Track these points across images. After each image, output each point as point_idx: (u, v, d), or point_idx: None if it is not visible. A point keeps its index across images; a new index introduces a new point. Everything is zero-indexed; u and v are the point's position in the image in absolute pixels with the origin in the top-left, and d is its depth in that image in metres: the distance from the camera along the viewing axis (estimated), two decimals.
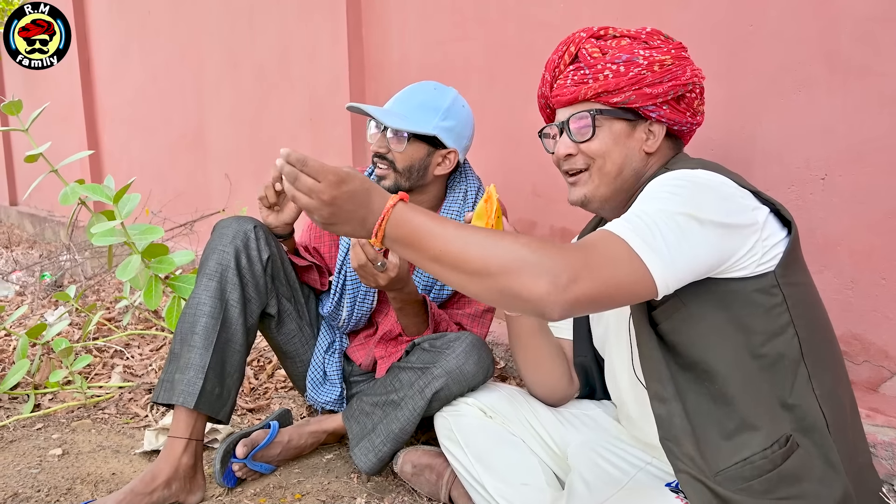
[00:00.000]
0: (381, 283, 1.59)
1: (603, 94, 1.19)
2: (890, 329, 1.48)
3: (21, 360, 2.19)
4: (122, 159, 4.93)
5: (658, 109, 1.19)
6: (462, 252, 0.95)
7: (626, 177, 1.23)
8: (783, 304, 1.07)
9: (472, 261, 0.95)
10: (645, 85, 1.18)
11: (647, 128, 1.22)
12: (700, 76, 1.23)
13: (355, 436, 1.68)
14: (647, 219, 0.99)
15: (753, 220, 1.05)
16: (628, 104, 1.19)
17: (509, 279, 0.92)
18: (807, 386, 1.07)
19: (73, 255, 3.93)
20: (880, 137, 1.44)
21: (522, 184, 2.27)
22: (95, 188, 1.99)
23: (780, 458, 1.04)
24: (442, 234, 0.97)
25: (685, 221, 0.99)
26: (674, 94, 1.19)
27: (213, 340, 1.61)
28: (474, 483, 1.43)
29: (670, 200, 1.01)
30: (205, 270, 1.66)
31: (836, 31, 1.47)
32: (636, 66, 1.18)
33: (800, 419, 1.06)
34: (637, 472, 1.26)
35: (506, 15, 2.22)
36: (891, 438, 1.44)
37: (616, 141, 1.21)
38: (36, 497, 1.63)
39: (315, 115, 3.07)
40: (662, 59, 1.18)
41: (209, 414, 1.61)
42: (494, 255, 0.94)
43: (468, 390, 1.59)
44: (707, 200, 1.02)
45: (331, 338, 1.91)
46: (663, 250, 0.97)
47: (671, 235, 0.98)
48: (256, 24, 3.39)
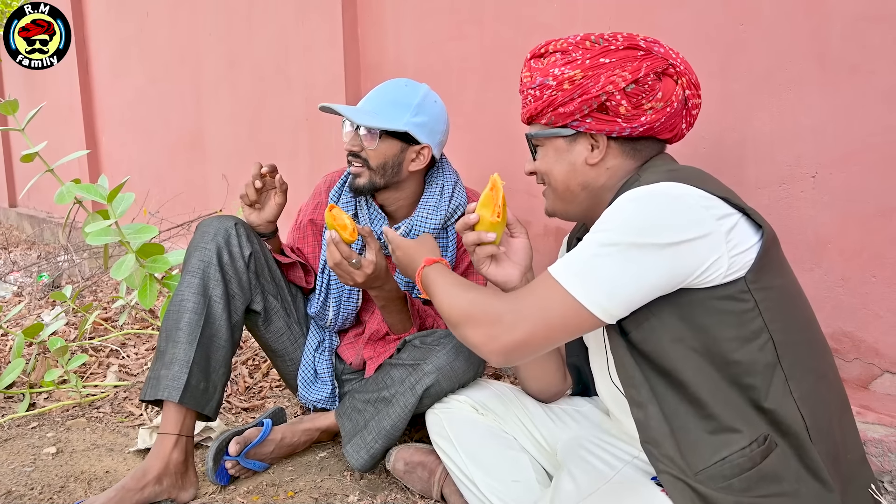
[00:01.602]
0: (358, 281, 1.60)
1: (534, 116, 1.25)
2: (880, 327, 1.48)
3: (17, 359, 2.19)
4: (121, 160, 4.94)
5: (582, 123, 1.20)
6: (442, 305, 1.23)
7: (574, 191, 1.25)
8: (755, 308, 1.06)
9: (445, 313, 1.21)
10: (557, 105, 1.19)
11: (589, 140, 1.22)
12: (617, 83, 1.15)
13: (347, 433, 1.69)
14: (587, 254, 1.05)
15: (712, 230, 1.03)
16: (552, 125, 1.23)
17: (460, 330, 1.16)
18: (783, 389, 1.06)
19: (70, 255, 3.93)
20: (871, 136, 1.44)
21: (517, 184, 2.27)
22: (90, 188, 1.99)
23: (760, 457, 1.04)
24: (436, 290, 1.26)
25: (625, 251, 1.02)
26: (588, 108, 1.17)
27: (197, 335, 1.62)
28: (465, 480, 1.43)
29: (615, 230, 1.05)
30: (187, 268, 1.68)
31: (827, 30, 1.48)
32: (548, 88, 1.20)
33: (776, 422, 1.06)
34: (624, 467, 1.26)
35: (502, 15, 2.23)
36: (881, 435, 1.44)
37: (557, 157, 1.25)
38: (29, 495, 1.64)
39: (312, 115, 3.07)
40: (572, 74, 1.17)
41: (195, 408, 1.62)
42: (454, 309, 1.18)
43: (459, 387, 1.60)
44: (654, 223, 1.03)
45: (320, 336, 1.92)
46: (599, 285, 1.03)
47: (609, 268, 1.03)
48: (254, 25, 3.39)
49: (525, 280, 1.37)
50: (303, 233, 1.92)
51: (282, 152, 3.34)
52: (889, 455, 1.43)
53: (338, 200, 1.84)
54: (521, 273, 1.36)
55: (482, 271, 1.35)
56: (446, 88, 2.47)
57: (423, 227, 1.75)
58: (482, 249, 1.31)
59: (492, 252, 1.32)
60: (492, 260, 1.35)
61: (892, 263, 1.45)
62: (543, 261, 2.25)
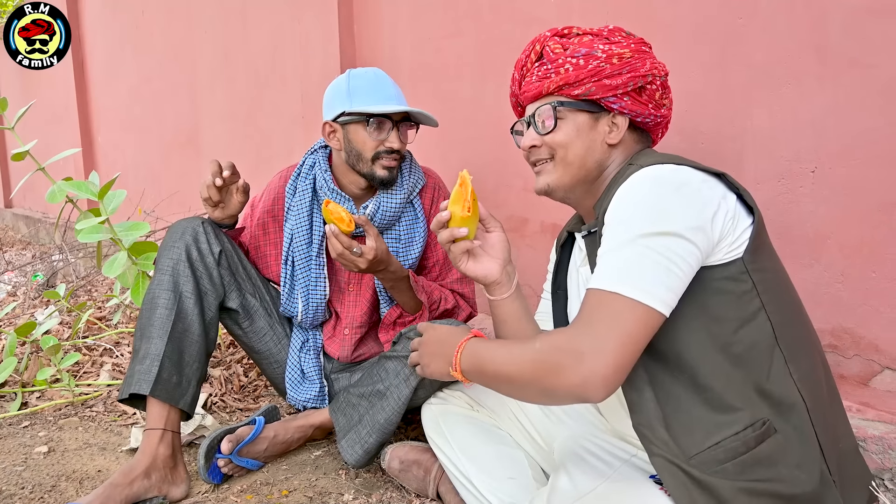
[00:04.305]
0: (362, 267, 1.63)
1: (564, 86, 1.23)
2: (880, 323, 1.47)
3: (9, 357, 2.17)
4: (116, 159, 4.91)
5: (619, 101, 1.21)
6: (505, 369, 1.11)
7: (589, 167, 1.25)
8: (753, 289, 1.07)
9: (514, 376, 1.09)
10: (604, 76, 1.20)
11: (610, 120, 1.24)
12: (661, 70, 1.24)
13: (342, 428, 1.68)
14: (626, 256, 1.02)
15: (718, 207, 1.06)
16: (589, 96, 1.21)
17: (544, 383, 1.03)
18: (784, 370, 1.07)
19: (65, 255, 3.91)
20: (870, 130, 1.43)
21: (514, 179, 2.26)
22: (81, 184, 1.97)
23: (754, 441, 1.04)
24: (491, 358, 1.15)
25: (662, 242, 1.01)
26: (633, 85, 1.21)
27: (168, 330, 1.64)
28: (460, 476, 1.42)
29: (641, 222, 1.03)
30: (158, 267, 1.71)
31: (826, 24, 1.46)
32: (595, 59, 1.21)
33: (778, 403, 1.06)
34: (622, 465, 1.24)
35: (498, 11, 2.22)
36: (881, 433, 1.42)
37: (578, 132, 1.24)
38: (20, 494, 1.62)
39: (307, 113, 3.06)
40: (621, 52, 1.21)
41: (167, 401, 1.62)
42: (523, 365, 1.07)
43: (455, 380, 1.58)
44: (676, 207, 1.03)
45: (304, 336, 1.93)
46: (654, 282, 1.00)
47: (656, 266, 1.01)
48: (249, 22, 3.38)
49: (506, 273, 1.34)
50: (264, 229, 1.92)
51: (277, 149, 3.33)
52: (889, 452, 1.41)
53: (294, 192, 1.86)
54: (501, 266, 1.33)
55: (460, 268, 1.33)
56: (442, 84, 2.45)
57: (389, 203, 1.80)
58: (457, 246, 1.30)
59: (466, 247, 1.30)
60: (469, 255, 1.33)
61: (893, 259, 1.43)
62: (542, 259, 2.24)
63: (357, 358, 1.92)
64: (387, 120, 1.71)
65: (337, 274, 1.89)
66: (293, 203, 1.85)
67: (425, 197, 1.88)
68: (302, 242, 1.83)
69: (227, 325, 1.88)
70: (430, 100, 2.47)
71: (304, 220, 1.82)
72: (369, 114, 1.69)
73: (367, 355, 1.92)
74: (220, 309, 1.80)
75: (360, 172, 1.76)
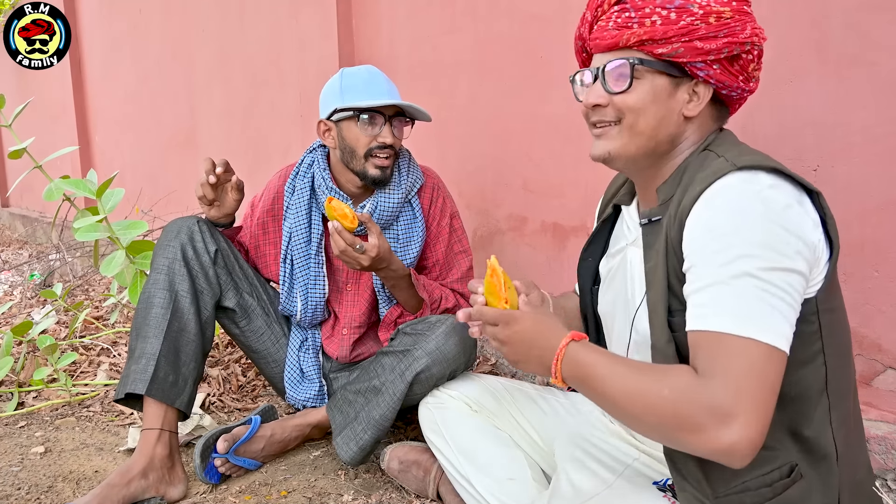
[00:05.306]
0: (364, 265, 1.63)
1: (648, 42, 1.04)
2: (883, 322, 1.46)
3: (5, 357, 2.16)
4: (114, 158, 4.90)
5: (707, 68, 1.04)
6: (622, 402, 0.96)
7: (660, 140, 1.08)
8: (818, 332, 0.98)
9: (631, 412, 0.95)
10: (697, 37, 1.02)
11: (691, 88, 1.07)
12: (761, 36, 1.06)
13: (338, 425, 1.68)
14: (753, 295, 0.90)
15: (814, 240, 0.95)
16: (674, 57, 1.04)
17: (677, 435, 0.91)
18: (825, 417, 1.00)
19: (62, 254, 3.89)
20: (873, 127, 1.42)
21: (513, 178, 2.25)
22: (78, 183, 1.96)
23: (781, 488, 0.99)
24: (604, 382, 0.97)
25: (783, 278, 0.90)
26: (728, 52, 1.03)
27: (164, 329, 1.63)
28: (460, 478, 1.41)
29: (758, 251, 0.91)
30: (153, 267, 1.70)
31: (827, 21, 1.45)
32: (689, 15, 1.02)
33: (811, 450, 1.00)
34: (624, 470, 1.22)
35: (496, 8, 2.20)
36: (884, 433, 1.41)
37: (655, 98, 1.06)
38: (16, 495, 1.61)
39: (305, 111, 3.04)
40: (721, 10, 1.02)
41: (164, 401, 1.61)
42: (654, 409, 0.92)
43: (450, 373, 1.58)
44: (788, 237, 0.92)
45: (303, 336, 1.92)
46: (782, 324, 0.90)
47: (781, 304, 0.90)
48: (247, 21, 3.36)
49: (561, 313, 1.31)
50: (264, 228, 1.92)
51: (275, 148, 3.31)
52: (892, 452, 1.40)
53: (293, 190, 1.86)
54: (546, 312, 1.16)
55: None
56: (440, 81, 2.44)
57: (386, 202, 1.79)
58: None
59: None
60: None
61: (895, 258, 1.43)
62: (542, 259, 2.23)
63: (356, 358, 1.91)
64: (378, 115, 1.70)
65: (335, 273, 1.89)
66: (292, 201, 1.85)
67: (423, 196, 1.87)
68: (301, 240, 1.82)
69: (225, 325, 1.87)
70: (428, 97, 2.46)
71: (303, 218, 1.82)
72: (360, 109, 1.69)
73: (365, 355, 1.91)
74: (217, 308, 1.79)
75: (353, 171, 1.76)
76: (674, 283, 1.01)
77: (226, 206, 1.77)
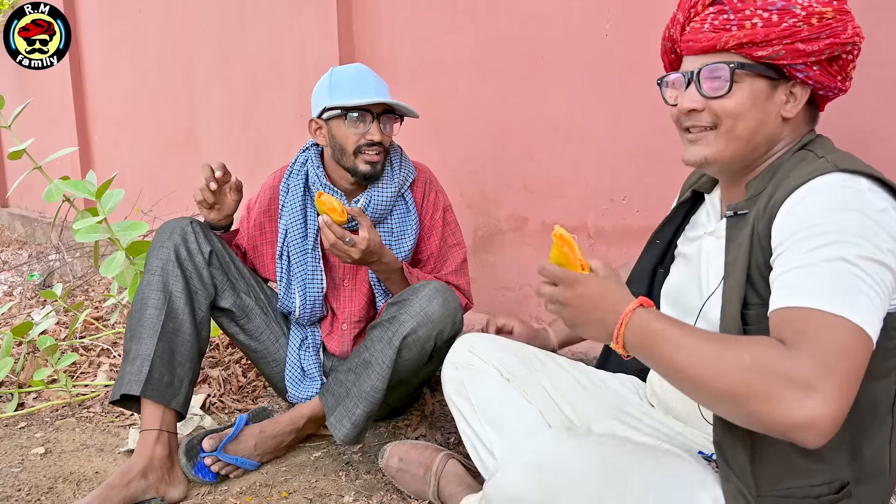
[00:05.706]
0: (355, 258, 1.64)
1: (747, 45, 1.02)
2: None
3: (5, 357, 2.15)
4: (114, 158, 4.89)
5: (807, 69, 1.02)
6: (692, 370, 0.90)
7: (758, 143, 1.06)
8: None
9: (703, 380, 0.89)
10: (798, 40, 1.00)
11: (788, 89, 1.05)
12: (860, 35, 1.04)
13: (331, 407, 1.68)
14: (849, 279, 0.87)
15: None
16: (775, 60, 1.02)
17: (750, 407, 0.85)
18: (887, 437, 0.99)
19: (62, 254, 3.89)
20: (877, 129, 1.41)
21: (513, 178, 2.25)
22: (78, 184, 1.96)
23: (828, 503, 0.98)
24: (673, 349, 0.92)
25: (877, 270, 0.88)
26: (829, 53, 1.01)
27: (159, 330, 1.64)
28: (479, 445, 1.30)
29: (857, 240, 0.89)
30: (147, 268, 1.71)
31: None
32: (792, 17, 1.00)
33: (865, 469, 0.98)
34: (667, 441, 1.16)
35: (496, 8, 2.20)
36: None
37: (754, 101, 1.04)
38: (16, 496, 1.60)
39: (306, 112, 3.03)
40: (823, 11, 1.00)
41: (159, 402, 1.61)
42: (728, 377, 0.87)
43: (437, 335, 1.58)
44: (887, 236, 0.90)
45: (302, 334, 1.92)
46: (869, 308, 0.87)
47: (875, 294, 0.87)
48: (247, 21, 3.36)
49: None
50: (261, 229, 1.93)
51: (275, 149, 3.31)
52: None
53: (288, 190, 1.87)
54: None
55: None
56: (441, 82, 2.44)
57: (380, 196, 1.80)
58: None
59: None
60: None
61: None
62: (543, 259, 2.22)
63: None
64: (366, 112, 1.72)
65: (332, 269, 1.89)
66: (287, 199, 1.86)
67: (416, 190, 1.89)
68: (297, 236, 1.83)
69: (224, 326, 1.87)
70: (428, 97, 2.46)
71: (298, 215, 1.83)
72: (347, 107, 1.70)
73: None
74: (214, 309, 1.79)
75: (344, 167, 1.78)
76: (754, 277, 0.99)
77: (225, 208, 1.78)
